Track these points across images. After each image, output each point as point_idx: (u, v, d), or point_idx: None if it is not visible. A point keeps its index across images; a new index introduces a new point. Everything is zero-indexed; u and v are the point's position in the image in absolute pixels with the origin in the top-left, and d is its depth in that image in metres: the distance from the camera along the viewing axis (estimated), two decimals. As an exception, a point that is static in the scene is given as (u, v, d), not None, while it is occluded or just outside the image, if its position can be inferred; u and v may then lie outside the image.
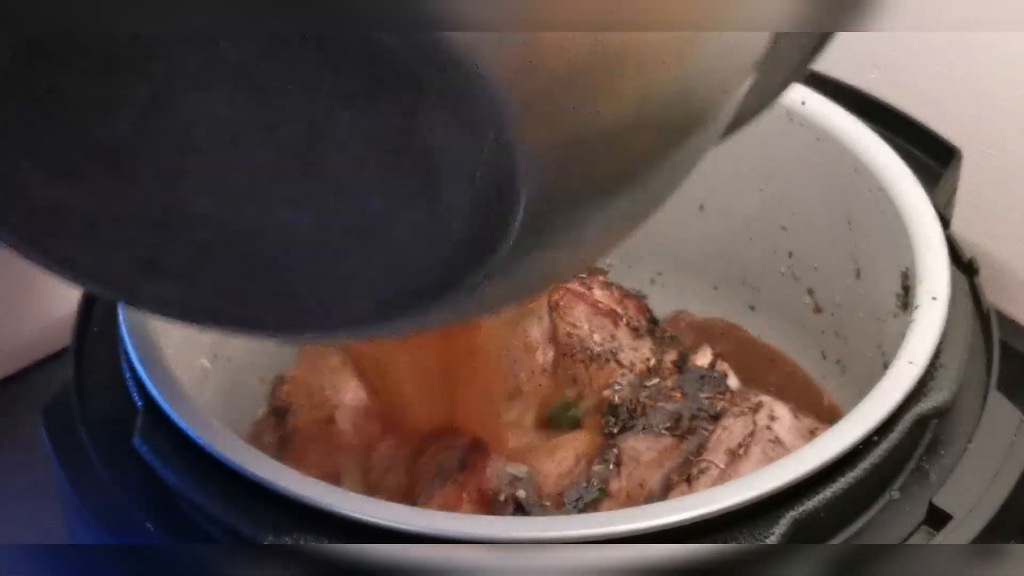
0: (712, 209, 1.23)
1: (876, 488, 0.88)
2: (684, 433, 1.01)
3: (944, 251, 0.99)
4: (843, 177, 1.09)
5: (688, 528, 0.82)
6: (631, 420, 1.02)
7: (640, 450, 1.01)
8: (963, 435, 0.92)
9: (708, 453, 0.99)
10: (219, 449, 0.86)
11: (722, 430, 1.00)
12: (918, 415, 0.89)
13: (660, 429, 1.01)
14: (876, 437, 0.87)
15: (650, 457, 1.01)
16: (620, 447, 1.01)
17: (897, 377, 0.89)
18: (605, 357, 1.09)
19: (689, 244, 1.26)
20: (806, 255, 1.18)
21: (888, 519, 0.88)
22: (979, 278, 1.01)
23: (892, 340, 1.00)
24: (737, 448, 0.98)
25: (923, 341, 0.92)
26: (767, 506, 0.83)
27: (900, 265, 1.02)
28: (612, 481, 1.00)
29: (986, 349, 0.98)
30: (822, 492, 0.85)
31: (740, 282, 1.24)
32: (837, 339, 1.16)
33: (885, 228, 1.04)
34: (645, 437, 1.01)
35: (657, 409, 1.02)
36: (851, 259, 1.11)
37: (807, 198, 1.14)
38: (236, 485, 0.85)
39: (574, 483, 1.00)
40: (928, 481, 0.90)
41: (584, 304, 1.10)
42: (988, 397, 0.94)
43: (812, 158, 1.12)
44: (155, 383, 0.91)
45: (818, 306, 1.17)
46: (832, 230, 1.12)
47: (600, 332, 1.09)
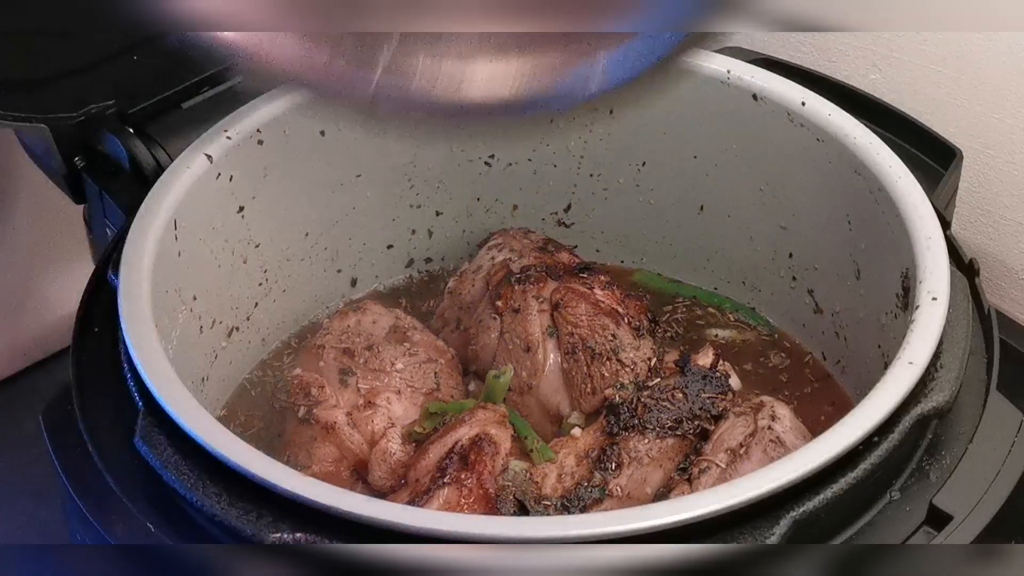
0: (712, 209, 1.23)
1: (876, 488, 0.88)
2: (686, 433, 1.01)
3: (944, 251, 0.99)
4: (843, 177, 1.09)
5: (688, 528, 0.82)
6: (632, 420, 1.02)
7: (641, 450, 1.01)
8: (963, 435, 0.92)
9: (709, 453, 0.99)
10: (219, 449, 0.86)
11: (723, 430, 1.00)
12: (918, 415, 0.89)
13: (662, 429, 1.01)
14: (876, 437, 0.87)
15: (651, 457, 1.01)
16: (621, 447, 1.01)
17: (897, 377, 0.89)
18: (606, 356, 1.09)
19: (691, 244, 1.26)
20: (806, 255, 1.18)
21: (888, 519, 0.88)
22: (979, 278, 1.01)
23: (892, 340, 1.00)
24: (738, 448, 0.98)
25: (923, 341, 0.92)
26: (767, 506, 0.83)
27: (900, 265, 1.02)
28: (613, 481, 1.00)
29: (986, 349, 0.98)
30: (822, 492, 0.85)
31: (740, 282, 1.24)
32: (837, 339, 1.16)
33: (885, 228, 1.04)
34: (647, 437, 1.01)
35: (659, 409, 1.02)
36: (851, 259, 1.11)
37: (807, 198, 1.14)
38: (237, 485, 0.85)
39: (576, 483, 1.00)
40: (928, 481, 0.90)
41: (586, 304, 1.10)
42: (988, 397, 0.94)
43: (812, 158, 1.12)
44: (155, 383, 0.91)
45: (818, 306, 1.18)
46: (832, 230, 1.12)
47: (602, 331, 1.09)
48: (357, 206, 1.22)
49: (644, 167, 1.24)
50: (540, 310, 1.11)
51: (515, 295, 1.12)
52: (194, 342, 1.09)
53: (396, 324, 1.14)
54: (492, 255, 1.19)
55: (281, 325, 1.22)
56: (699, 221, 1.24)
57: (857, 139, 1.08)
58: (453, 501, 0.96)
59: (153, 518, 0.88)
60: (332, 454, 1.07)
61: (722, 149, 1.19)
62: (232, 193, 1.11)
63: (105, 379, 0.97)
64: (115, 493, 0.89)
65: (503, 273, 1.15)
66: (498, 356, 1.12)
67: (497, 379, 1.10)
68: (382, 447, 1.06)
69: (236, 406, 1.16)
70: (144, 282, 0.99)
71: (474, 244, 1.26)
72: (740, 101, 1.15)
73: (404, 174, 1.23)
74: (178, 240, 1.05)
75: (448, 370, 1.13)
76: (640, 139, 1.22)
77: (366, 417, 1.07)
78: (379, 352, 1.11)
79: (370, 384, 1.09)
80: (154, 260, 1.01)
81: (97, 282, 1.05)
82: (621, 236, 1.29)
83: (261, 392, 1.17)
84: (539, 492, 1.00)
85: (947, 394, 0.91)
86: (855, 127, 1.09)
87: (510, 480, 1.00)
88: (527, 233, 1.22)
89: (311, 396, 1.08)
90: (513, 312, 1.12)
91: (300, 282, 1.21)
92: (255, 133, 1.12)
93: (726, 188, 1.21)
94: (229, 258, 1.13)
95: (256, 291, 1.17)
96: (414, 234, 1.27)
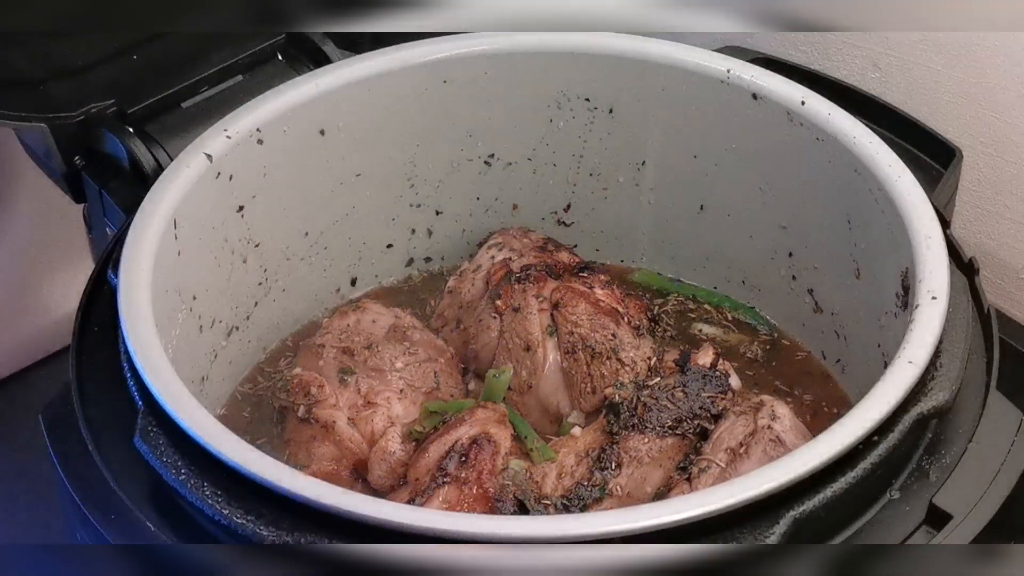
0: (712, 209, 1.23)
1: (876, 488, 0.88)
2: (686, 432, 1.01)
3: (944, 251, 0.99)
4: (843, 177, 1.09)
5: (688, 528, 0.82)
6: (632, 419, 1.02)
7: (642, 450, 1.01)
8: (963, 435, 0.92)
9: (709, 452, 0.99)
10: (219, 449, 0.86)
11: (723, 429, 1.00)
12: (918, 415, 0.89)
13: (662, 428, 1.01)
14: (876, 437, 0.87)
15: (652, 456, 1.01)
16: (621, 446, 1.01)
17: (897, 377, 0.89)
18: (606, 355, 1.09)
19: (690, 243, 1.26)
20: (806, 255, 1.18)
21: (888, 519, 0.88)
22: (979, 277, 1.01)
23: (892, 340, 1.00)
24: (738, 447, 0.98)
25: (923, 341, 0.92)
26: (767, 506, 0.83)
27: (900, 265, 1.02)
28: (613, 480, 1.00)
29: (986, 349, 0.98)
30: (822, 492, 0.85)
31: (740, 282, 1.24)
32: (837, 339, 1.16)
33: (885, 228, 1.04)
34: (647, 436, 1.01)
35: (659, 408, 1.02)
36: (851, 259, 1.11)
37: (807, 198, 1.14)
38: (237, 485, 0.85)
39: (576, 482, 1.00)
40: (928, 481, 0.90)
41: (586, 303, 1.10)
42: (988, 397, 0.94)
43: (813, 158, 1.12)
44: (155, 383, 0.91)
45: (818, 306, 1.17)
46: (832, 230, 1.12)
47: (602, 330, 1.09)
48: (357, 206, 1.22)
49: (644, 166, 1.24)
50: (540, 309, 1.11)
51: (515, 294, 1.12)
52: (194, 342, 1.09)
53: (396, 323, 1.14)
54: (492, 254, 1.19)
55: (281, 324, 1.22)
56: (699, 220, 1.24)
57: (857, 138, 1.08)
58: (453, 500, 0.96)
59: (153, 518, 0.88)
60: (331, 453, 1.07)
61: (722, 148, 1.19)
62: (232, 192, 1.11)
63: (105, 379, 0.97)
64: (115, 493, 0.89)
65: (503, 272, 1.15)
66: (498, 355, 1.12)
67: (496, 378, 1.10)
68: (382, 446, 1.06)
69: (236, 406, 1.16)
70: (144, 282, 0.99)
71: (474, 244, 1.26)
72: (740, 100, 1.15)
73: (404, 174, 1.23)
74: (178, 240, 1.05)
75: (448, 369, 1.13)
76: (639, 138, 1.22)
77: (366, 416, 1.07)
78: (379, 351, 1.11)
79: (369, 384, 1.09)
80: (154, 260, 1.01)
81: (97, 282, 1.05)
82: (620, 235, 1.29)
83: (261, 391, 1.17)
84: (539, 491, 1.00)
85: (947, 393, 0.91)
86: (855, 126, 1.09)
87: (510, 479, 1.00)
88: (527, 232, 1.22)
89: (311, 395, 1.08)
90: (513, 311, 1.12)
91: (300, 281, 1.21)
92: (255, 133, 1.12)
93: (726, 188, 1.20)
94: (229, 257, 1.13)
95: (256, 290, 1.17)
96: (414, 234, 1.27)
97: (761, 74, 1.15)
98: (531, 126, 1.24)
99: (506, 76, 1.20)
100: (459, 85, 1.20)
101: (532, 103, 1.22)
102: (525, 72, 1.20)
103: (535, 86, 1.21)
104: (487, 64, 1.20)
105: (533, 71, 1.20)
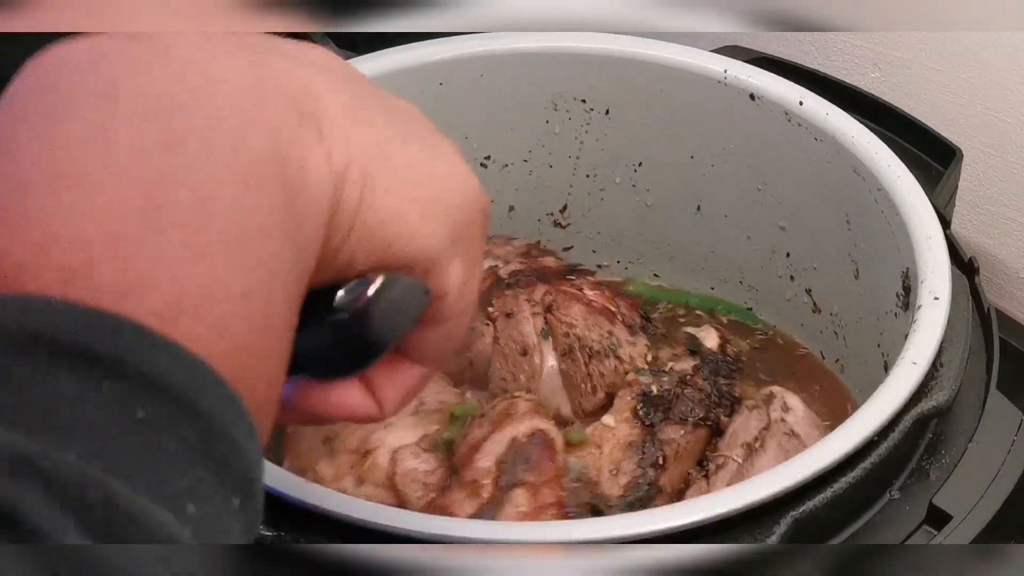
0: (710, 209, 1.23)
1: (876, 488, 0.88)
2: (712, 422, 1.01)
3: (944, 251, 0.98)
4: (842, 177, 1.09)
5: (689, 530, 0.82)
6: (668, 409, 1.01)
7: (680, 442, 1.00)
8: (963, 435, 0.92)
9: (725, 448, 0.99)
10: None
11: (737, 424, 1.00)
12: (918, 415, 0.89)
13: (695, 419, 1.01)
14: (876, 437, 0.87)
15: (686, 449, 1.00)
16: (661, 440, 1.00)
17: (902, 377, 0.89)
18: (605, 353, 1.08)
19: (687, 244, 1.26)
20: (805, 255, 1.18)
21: (888, 519, 0.88)
22: (979, 277, 1.01)
23: (892, 340, 0.99)
24: (753, 442, 0.98)
25: (926, 341, 0.91)
26: (768, 506, 0.83)
27: (900, 265, 1.02)
28: (664, 476, 0.99)
29: (986, 349, 0.98)
30: (822, 492, 0.84)
31: (738, 282, 1.24)
32: (836, 339, 1.16)
33: (885, 228, 1.04)
34: (681, 427, 1.01)
35: (687, 397, 1.02)
36: (850, 259, 1.11)
37: (806, 198, 1.14)
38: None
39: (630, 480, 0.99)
40: (928, 481, 0.89)
41: (579, 304, 1.10)
42: (988, 397, 0.94)
43: (811, 158, 1.11)
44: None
45: (816, 306, 1.17)
46: (831, 230, 1.12)
47: (597, 329, 1.09)
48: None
49: (640, 167, 1.23)
50: (533, 313, 1.11)
51: (507, 300, 1.12)
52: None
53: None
54: (477, 264, 1.18)
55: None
56: (696, 221, 1.24)
57: (856, 138, 1.08)
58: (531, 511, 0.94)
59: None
60: None
61: (719, 149, 1.19)
62: (230, 192, 1.11)
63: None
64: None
65: (491, 280, 1.14)
66: (494, 361, 1.12)
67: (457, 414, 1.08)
68: (401, 472, 1.02)
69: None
70: (142, 281, 0.98)
71: (470, 246, 1.25)
72: (737, 100, 1.15)
73: (401, 174, 1.23)
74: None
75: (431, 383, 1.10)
76: (636, 139, 1.22)
77: (370, 467, 1.04)
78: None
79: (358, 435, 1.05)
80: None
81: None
82: (617, 236, 1.29)
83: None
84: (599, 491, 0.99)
85: (947, 393, 0.91)
86: (854, 126, 1.09)
87: (575, 479, 0.98)
88: (509, 240, 1.22)
89: None
90: (506, 317, 1.11)
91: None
92: (253, 132, 1.11)
93: (723, 188, 1.20)
94: (227, 258, 1.12)
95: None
96: (412, 235, 1.27)
97: (758, 74, 1.14)
98: (527, 128, 1.24)
99: (502, 78, 1.20)
100: (455, 87, 1.19)
101: (528, 105, 1.22)
102: (521, 74, 1.20)
103: (531, 88, 1.21)
104: (483, 66, 1.20)
105: (529, 73, 1.20)
